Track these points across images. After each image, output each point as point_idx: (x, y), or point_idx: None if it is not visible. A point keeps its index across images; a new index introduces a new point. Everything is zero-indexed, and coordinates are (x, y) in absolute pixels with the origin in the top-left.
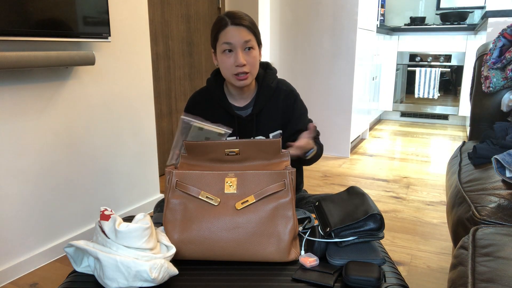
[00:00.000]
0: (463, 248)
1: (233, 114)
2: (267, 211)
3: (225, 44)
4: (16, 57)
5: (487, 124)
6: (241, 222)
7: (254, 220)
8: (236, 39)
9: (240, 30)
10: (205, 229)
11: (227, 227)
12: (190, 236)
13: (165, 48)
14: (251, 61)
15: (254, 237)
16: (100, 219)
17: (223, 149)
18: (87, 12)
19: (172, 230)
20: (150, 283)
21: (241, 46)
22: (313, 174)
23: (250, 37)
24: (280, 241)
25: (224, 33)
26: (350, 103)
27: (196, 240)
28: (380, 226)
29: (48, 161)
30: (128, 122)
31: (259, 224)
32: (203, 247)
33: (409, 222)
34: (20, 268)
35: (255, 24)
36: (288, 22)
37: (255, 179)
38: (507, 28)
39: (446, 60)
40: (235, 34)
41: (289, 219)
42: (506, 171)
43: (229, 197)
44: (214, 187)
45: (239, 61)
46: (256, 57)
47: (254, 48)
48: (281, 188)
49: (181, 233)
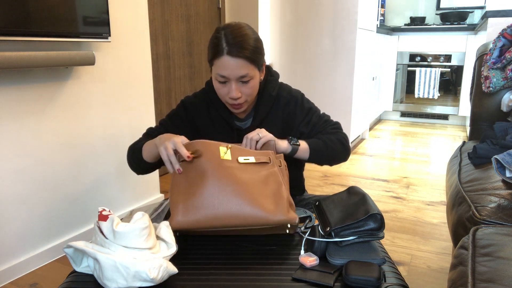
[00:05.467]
0: (463, 248)
1: (233, 126)
2: (261, 175)
3: (219, 75)
4: (16, 57)
5: (487, 124)
6: (240, 182)
7: (251, 181)
8: (231, 72)
9: (237, 63)
10: (207, 193)
11: (228, 187)
12: (194, 201)
13: (165, 48)
14: (248, 92)
15: (253, 197)
16: (98, 220)
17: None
18: (87, 12)
19: (177, 197)
20: (149, 283)
21: (237, 80)
22: (313, 174)
23: (248, 70)
24: (277, 199)
25: (219, 62)
26: (350, 103)
27: (199, 204)
28: (380, 226)
29: (48, 161)
30: (128, 122)
31: (256, 185)
32: (207, 212)
33: (409, 222)
34: (20, 268)
35: (257, 48)
36: (288, 22)
37: (245, 151)
38: (507, 28)
39: (446, 60)
40: (230, 67)
41: (280, 184)
42: (506, 171)
43: (225, 161)
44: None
45: (232, 94)
46: (254, 86)
47: (252, 78)
48: (267, 161)
49: (185, 200)
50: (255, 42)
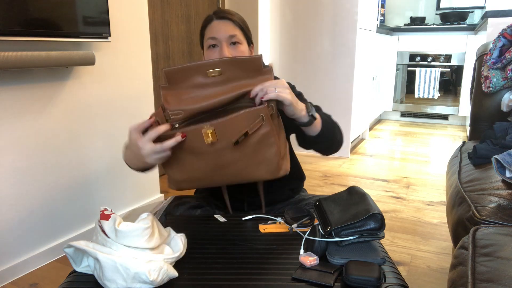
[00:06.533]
0: (463, 248)
1: None
2: (251, 145)
3: (210, 39)
4: (16, 57)
5: (487, 124)
6: (228, 161)
7: (240, 157)
8: (221, 33)
9: (225, 24)
10: (199, 173)
11: (220, 171)
12: (188, 175)
13: (165, 48)
14: (238, 55)
15: (244, 170)
16: (100, 219)
17: (205, 70)
18: (87, 12)
19: (172, 173)
20: (148, 285)
21: (226, 41)
22: (313, 174)
23: (236, 32)
24: (268, 165)
25: (209, 28)
26: (350, 103)
27: (195, 178)
28: (381, 226)
29: (48, 161)
30: (128, 122)
31: (246, 158)
32: (203, 179)
33: (409, 222)
34: (20, 268)
35: (245, 22)
36: (288, 22)
37: (232, 125)
38: (507, 28)
39: (446, 60)
40: (219, 28)
41: (271, 145)
42: (506, 171)
43: (211, 146)
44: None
45: (223, 54)
46: (244, 52)
47: (241, 43)
48: (259, 124)
49: (180, 175)
50: (242, 17)
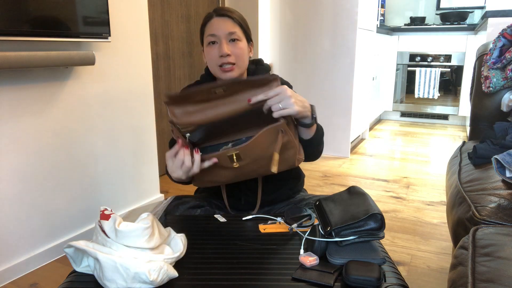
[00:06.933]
0: (463, 248)
1: None
2: (269, 152)
3: (209, 36)
4: (16, 57)
5: (487, 124)
6: (253, 169)
7: (263, 164)
8: (220, 30)
9: (225, 21)
10: (224, 177)
11: (242, 174)
12: None
13: (165, 48)
14: (237, 52)
15: (263, 168)
16: (100, 219)
17: (210, 89)
18: (87, 12)
19: (200, 175)
20: (148, 285)
21: (226, 37)
22: (313, 174)
23: (236, 29)
24: (288, 162)
25: (209, 25)
26: (350, 103)
27: (218, 181)
28: (381, 226)
29: (48, 161)
30: (128, 122)
31: (268, 162)
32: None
33: (409, 222)
34: (20, 268)
35: (244, 19)
36: (288, 22)
37: (255, 146)
38: (507, 28)
39: (446, 60)
40: (219, 25)
41: (291, 148)
42: (506, 171)
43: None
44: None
45: (223, 51)
46: (243, 48)
47: (241, 40)
48: (282, 139)
49: (208, 178)
50: (241, 15)
